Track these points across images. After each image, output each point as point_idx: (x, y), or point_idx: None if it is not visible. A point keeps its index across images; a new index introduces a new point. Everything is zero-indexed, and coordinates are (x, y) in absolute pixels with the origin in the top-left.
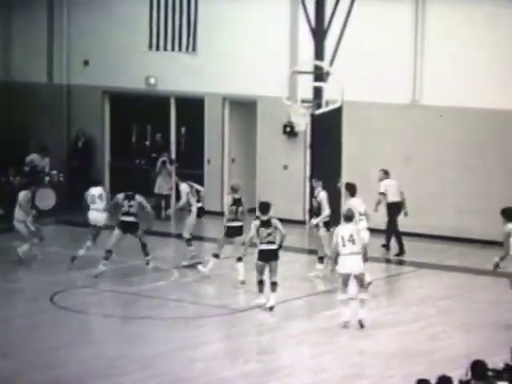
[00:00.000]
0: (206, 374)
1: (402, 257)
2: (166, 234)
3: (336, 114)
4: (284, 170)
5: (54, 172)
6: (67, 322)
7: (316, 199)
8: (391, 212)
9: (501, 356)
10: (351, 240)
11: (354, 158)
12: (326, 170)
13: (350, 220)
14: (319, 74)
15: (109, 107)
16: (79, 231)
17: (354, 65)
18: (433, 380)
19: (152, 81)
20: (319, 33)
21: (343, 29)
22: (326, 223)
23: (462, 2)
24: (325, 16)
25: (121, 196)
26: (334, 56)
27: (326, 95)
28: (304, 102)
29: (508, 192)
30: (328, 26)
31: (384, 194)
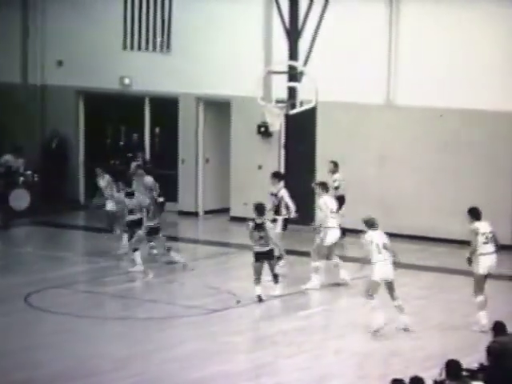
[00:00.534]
0: (180, 375)
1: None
2: None
3: (310, 114)
4: (258, 169)
5: (29, 172)
6: (41, 323)
7: (276, 196)
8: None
9: (475, 356)
10: (386, 247)
11: (328, 157)
12: (300, 169)
13: (376, 226)
14: (293, 74)
15: (83, 107)
16: (54, 232)
17: (328, 65)
18: (407, 380)
19: (126, 81)
20: (293, 33)
21: (317, 29)
22: (285, 221)
23: (436, 2)
24: (299, 16)
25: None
26: (308, 56)
27: (301, 95)
28: (278, 102)
29: (483, 191)
30: (302, 26)
31: (337, 188)
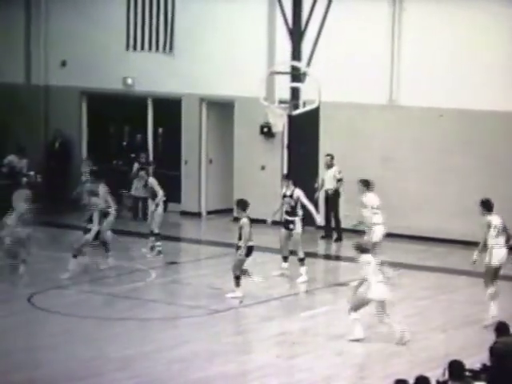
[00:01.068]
0: (183, 375)
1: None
2: (142, 235)
3: (313, 115)
4: (261, 170)
5: (32, 173)
6: (44, 323)
7: (292, 198)
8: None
9: (478, 356)
10: (380, 269)
11: None
12: (303, 170)
13: (368, 251)
14: (296, 75)
15: (86, 108)
16: (57, 232)
17: (331, 65)
18: (411, 380)
19: (129, 81)
20: (296, 33)
21: (320, 29)
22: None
23: (439, 2)
24: (302, 17)
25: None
26: (311, 57)
27: (304, 96)
28: (281, 102)
29: (485, 191)
30: (305, 27)
31: (341, 180)
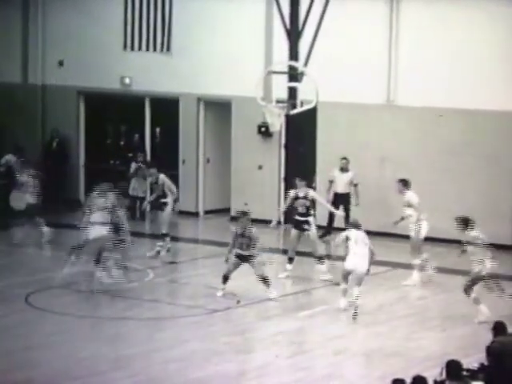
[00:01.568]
0: (180, 375)
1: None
2: (140, 234)
3: (311, 115)
4: (259, 170)
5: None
6: (42, 323)
7: (306, 199)
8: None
9: (476, 356)
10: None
11: (329, 158)
12: (300, 170)
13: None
14: (294, 75)
15: (83, 107)
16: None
17: (328, 65)
18: (408, 380)
19: (127, 81)
20: (294, 33)
21: (318, 29)
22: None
23: (437, 2)
24: (299, 16)
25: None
26: (308, 56)
27: (301, 95)
28: (279, 102)
29: (484, 192)
30: (303, 27)
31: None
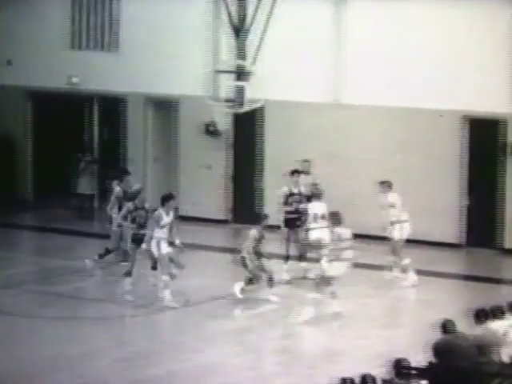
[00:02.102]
0: (126, 375)
1: None
2: (88, 234)
3: (258, 113)
4: (207, 169)
5: None
6: None
7: (301, 195)
8: None
9: (423, 354)
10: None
11: (277, 157)
12: (248, 169)
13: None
14: (241, 74)
15: (31, 107)
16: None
17: (276, 64)
18: (356, 378)
19: (75, 80)
20: (241, 32)
21: (265, 28)
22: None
23: (382, 2)
24: (247, 15)
25: None
26: (256, 55)
27: (249, 94)
28: (227, 101)
29: (430, 191)
30: (250, 25)
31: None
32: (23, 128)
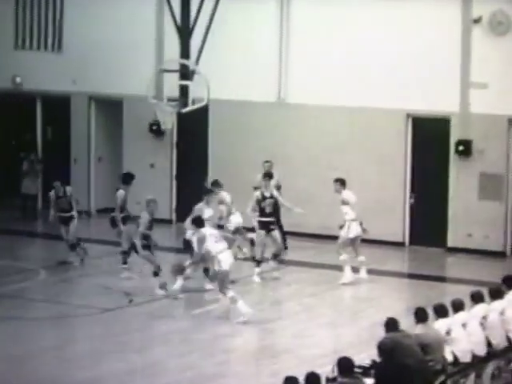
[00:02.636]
0: (71, 375)
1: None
2: (32, 234)
3: (202, 113)
4: (151, 168)
5: None
6: None
7: (272, 198)
8: None
9: (367, 353)
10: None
11: (221, 156)
12: (192, 168)
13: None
14: (185, 73)
15: None
16: None
17: (219, 63)
18: (300, 377)
19: (18, 80)
20: (185, 31)
21: (208, 27)
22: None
23: (327, 1)
24: (190, 15)
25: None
26: (199, 54)
27: (192, 94)
28: (170, 100)
29: (374, 190)
30: (193, 25)
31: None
32: None
